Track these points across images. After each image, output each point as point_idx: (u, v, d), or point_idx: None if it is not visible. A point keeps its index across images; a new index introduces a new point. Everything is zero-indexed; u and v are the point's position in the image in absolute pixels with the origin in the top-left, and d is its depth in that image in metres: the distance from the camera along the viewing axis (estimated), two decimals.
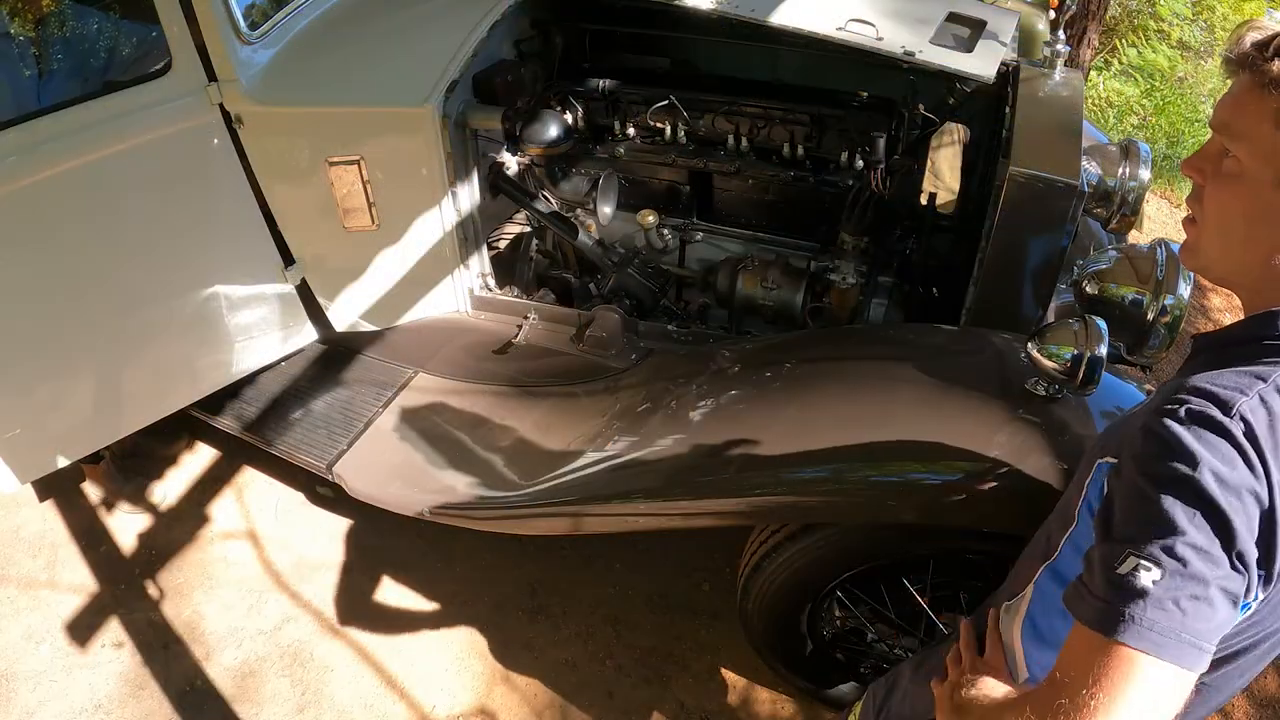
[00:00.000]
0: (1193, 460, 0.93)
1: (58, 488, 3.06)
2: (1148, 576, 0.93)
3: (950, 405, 1.88)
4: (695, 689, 2.60)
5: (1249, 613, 1.01)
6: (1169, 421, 0.97)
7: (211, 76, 2.23)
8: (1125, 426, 1.09)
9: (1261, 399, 0.95)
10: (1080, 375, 1.72)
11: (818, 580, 2.09)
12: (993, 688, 1.20)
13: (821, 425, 1.90)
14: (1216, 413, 0.94)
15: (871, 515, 1.84)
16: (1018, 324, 2.14)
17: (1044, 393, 1.82)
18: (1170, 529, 0.93)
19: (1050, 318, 2.21)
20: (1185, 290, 2.01)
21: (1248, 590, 0.95)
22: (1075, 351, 1.71)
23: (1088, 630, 0.97)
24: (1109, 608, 0.95)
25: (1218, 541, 0.92)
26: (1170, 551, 0.92)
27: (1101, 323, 1.76)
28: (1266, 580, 0.97)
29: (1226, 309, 4.56)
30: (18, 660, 2.64)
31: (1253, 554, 0.93)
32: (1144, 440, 0.99)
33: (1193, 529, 0.92)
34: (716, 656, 2.66)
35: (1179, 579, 0.92)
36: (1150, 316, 2.01)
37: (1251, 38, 0.97)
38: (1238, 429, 0.93)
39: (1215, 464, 0.92)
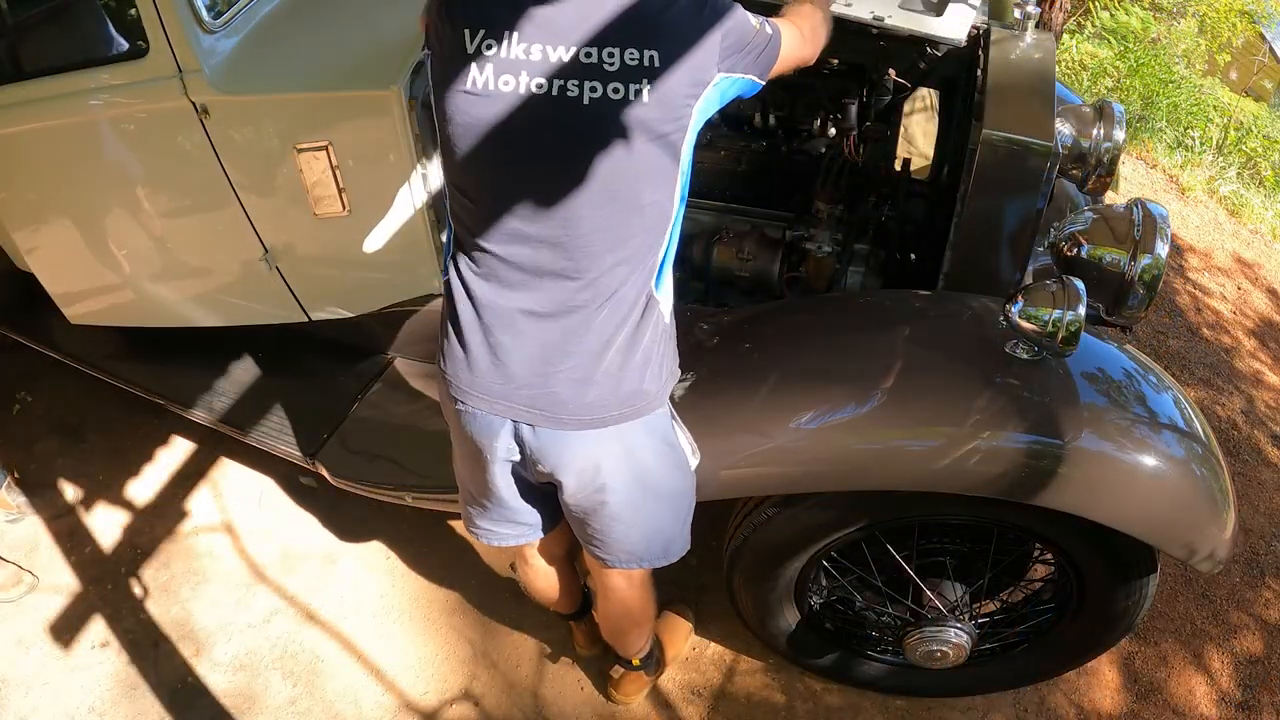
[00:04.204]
0: None
1: (37, 492, 3.04)
2: None
3: (930, 370, 1.88)
4: (683, 663, 2.60)
5: None
6: None
7: (178, 67, 2.21)
8: None
9: None
10: (1060, 336, 1.72)
11: (803, 550, 2.09)
12: None
13: (801, 395, 1.89)
14: None
15: (854, 483, 1.84)
16: (996, 287, 2.14)
17: (1024, 355, 1.82)
18: None
19: (1028, 280, 2.21)
20: (1163, 250, 2.01)
21: None
22: (1054, 313, 1.71)
23: None
24: None
25: None
26: None
27: (1080, 284, 1.76)
28: None
29: (1204, 269, 4.58)
30: (9, 665, 2.62)
31: None
32: None
33: None
34: (704, 630, 2.67)
35: None
36: (1128, 276, 2.01)
37: None
38: None
39: None
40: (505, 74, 1.34)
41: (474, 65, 1.35)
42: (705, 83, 1.40)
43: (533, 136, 1.39)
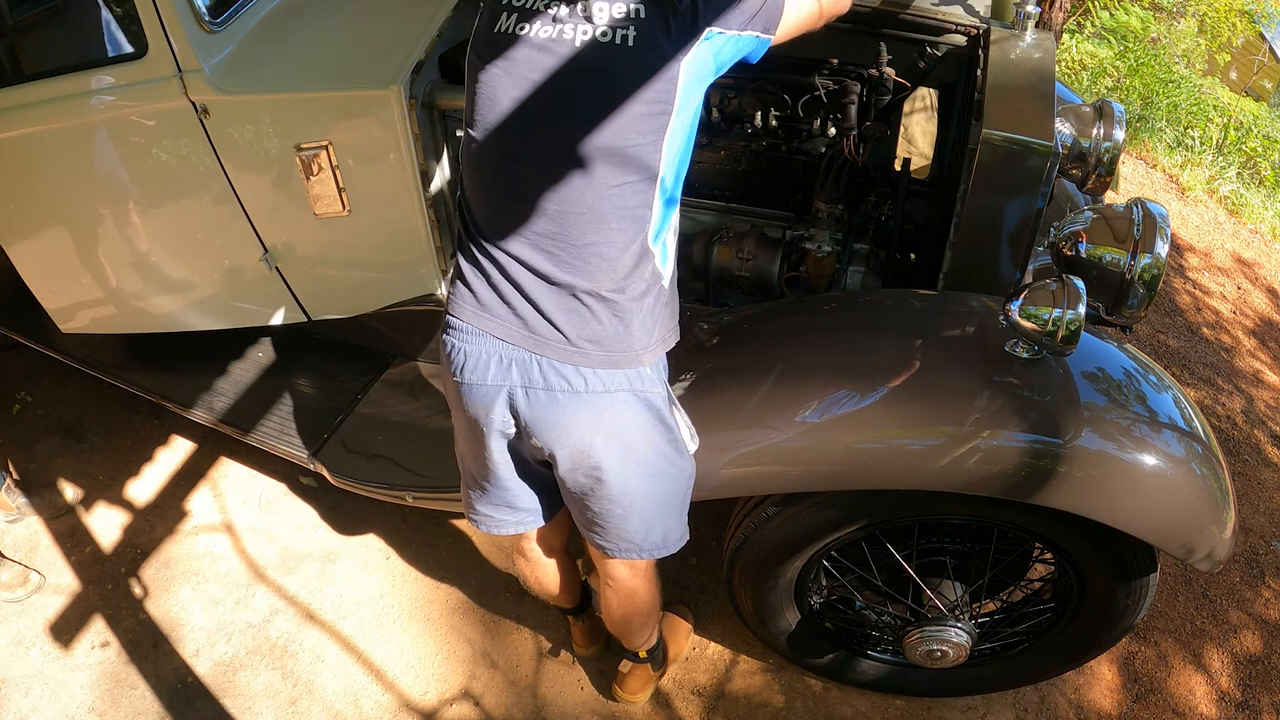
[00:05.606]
0: None
1: (37, 492, 3.03)
2: None
3: (930, 370, 1.88)
4: (684, 663, 2.60)
5: None
6: None
7: (178, 67, 2.21)
8: None
9: None
10: (1060, 336, 1.72)
11: (803, 550, 2.09)
12: None
13: (801, 394, 1.89)
14: None
15: (854, 483, 1.84)
16: (996, 287, 2.14)
17: (1024, 355, 1.82)
18: None
19: (1028, 279, 2.20)
20: (1163, 249, 2.01)
21: None
22: (1054, 312, 1.71)
23: None
24: None
25: None
26: None
27: (1079, 283, 1.76)
28: None
29: (1204, 268, 4.58)
30: (9, 665, 2.62)
31: None
32: None
33: None
34: (704, 630, 2.67)
35: None
36: (1128, 276, 2.01)
37: None
38: None
39: None
40: (523, 22, 1.51)
41: (503, 14, 1.53)
42: (694, 36, 1.50)
43: (534, 76, 1.52)
